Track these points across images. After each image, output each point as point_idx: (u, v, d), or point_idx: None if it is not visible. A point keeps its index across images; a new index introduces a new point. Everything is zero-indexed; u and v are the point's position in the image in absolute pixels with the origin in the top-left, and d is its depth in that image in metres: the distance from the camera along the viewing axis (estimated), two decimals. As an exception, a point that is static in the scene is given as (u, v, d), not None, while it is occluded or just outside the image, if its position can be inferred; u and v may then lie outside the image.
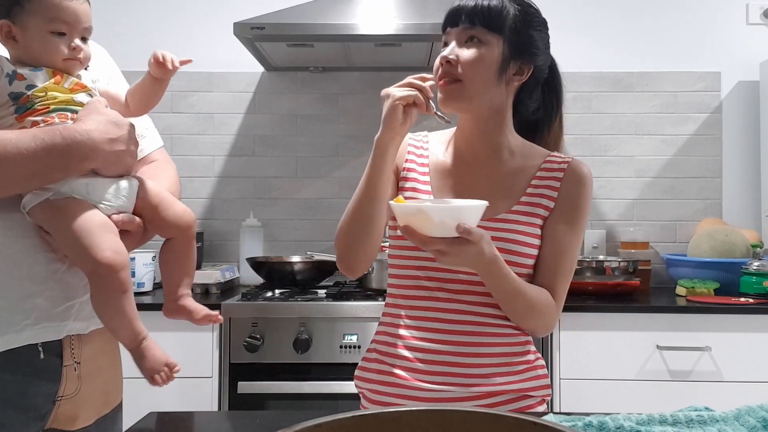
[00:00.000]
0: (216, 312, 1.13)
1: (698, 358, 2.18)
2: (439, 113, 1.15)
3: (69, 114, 1.01)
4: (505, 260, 1.14)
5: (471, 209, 1.06)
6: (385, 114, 1.12)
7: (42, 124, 0.98)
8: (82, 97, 1.04)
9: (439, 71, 1.19)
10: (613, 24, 2.89)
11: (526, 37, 1.20)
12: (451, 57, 1.18)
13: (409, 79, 1.13)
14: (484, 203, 1.06)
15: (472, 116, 1.25)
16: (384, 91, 1.13)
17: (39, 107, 0.99)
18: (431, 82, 1.14)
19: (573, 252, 1.24)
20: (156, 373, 1.02)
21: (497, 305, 1.19)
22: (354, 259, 1.23)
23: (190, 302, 1.12)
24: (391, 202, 1.09)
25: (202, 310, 1.12)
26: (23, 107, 0.99)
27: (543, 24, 1.24)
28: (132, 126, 1.07)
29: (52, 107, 1.00)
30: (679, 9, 2.89)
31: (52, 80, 1.02)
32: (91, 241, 0.96)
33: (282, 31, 2.37)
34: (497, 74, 1.19)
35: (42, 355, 1.02)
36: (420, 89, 1.12)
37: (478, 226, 1.06)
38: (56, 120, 0.99)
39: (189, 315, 1.11)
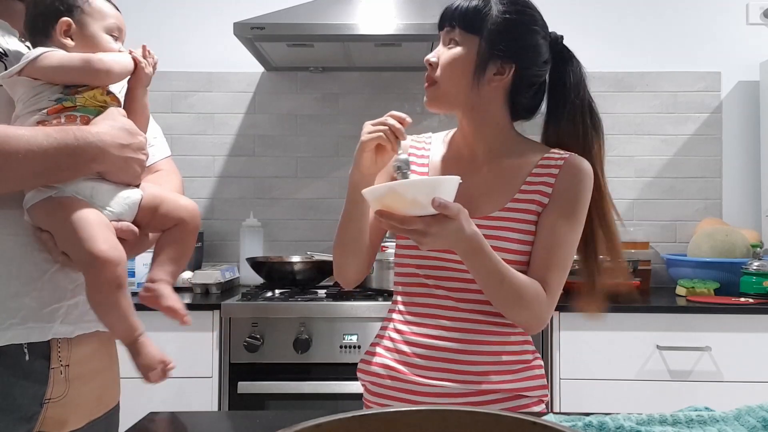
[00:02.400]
0: (184, 313, 1.05)
1: (698, 358, 2.18)
2: (397, 163, 1.10)
3: (91, 117, 1.03)
4: None
5: (444, 183, 1.02)
6: (356, 152, 1.15)
7: (64, 121, 1.00)
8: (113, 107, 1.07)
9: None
10: (613, 24, 2.89)
11: (509, 37, 1.19)
12: (432, 59, 1.22)
13: (387, 116, 1.14)
14: (456, 178, 1.03)
15: (463, 116, 1.26)
16: (365, 124, 1.15)
17: (78, 103, 1.02)
18: (408, 121, 1.14)
19: (567, 245, 1.20)
20: (151, 370, 1.00)
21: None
22: (345, 273, 1.30)
23: (160, 288, 1.05)
24: (363, 190, 1.06)
25: (169, 298, 1.05)
26: (64, 98, 1.01)
27: (536, 23, 1.22)
28: (144, 137, 1.09)
29: (79, 108, 1.02)
30: (679, 9, 2.89)
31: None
32: (89, 234, 0.96)
33: (282, 31, 2.37)
34: (474, 74, 1.19)
35: (27, 357, 1.02)
36: (391, 128, 1.12)
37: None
38: (78, 121, 1.01)
39: (155, 302, 1.05)
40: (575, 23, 2.87)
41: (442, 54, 1.21)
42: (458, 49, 1.19)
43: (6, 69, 1.02)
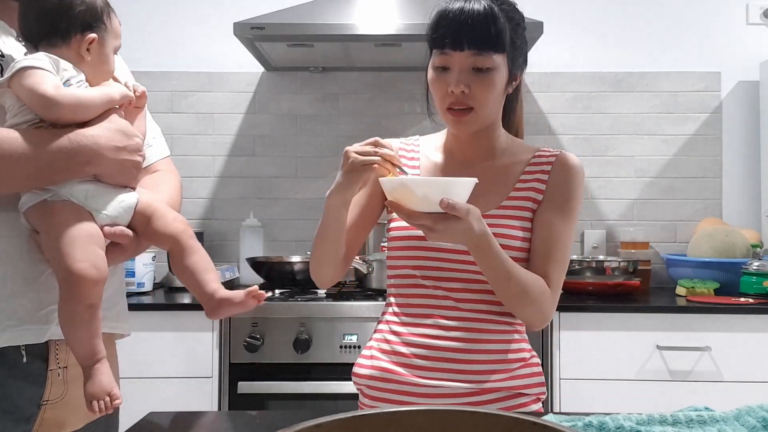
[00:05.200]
0: (255, 286, 1.05)
1: (698, 358, 2.18)
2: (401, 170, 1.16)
3: None
4: None
5: (457, 184, 1.04)
6: (344, 178, 1.13)
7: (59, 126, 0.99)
8: None
9: (447, 100, 1.18)
10: (613, 24, 2.89)
11: (518, 44, 1.21)
12: (464, 88, 1.16)
13: (374, 146, 1.13)
14: (472, 180, 1.05)
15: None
16: (348, 152, 1.13)
17: None
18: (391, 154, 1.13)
19: (565, 240, 1.23)
20: (96, 399, 0.97)
21: (493, 302, 1.21)
22: (320, 278, 1.31)
23: (224, 293, 1.06)
24: (380, 178, 1.08)
25: (239, 293, 1.06)
26: None
27: (523, 21, 1.24)
28: (141, 138, 1.08)
29: None
30: (679, 9, 2.88)
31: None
32: (71, 250, 0.95)
33: (282, 31, 2.37)
34: (504, 90, 1.22)
35: (25, 358, 1.02)
36: (384, 158, 1.11)
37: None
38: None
39: (230, 305, 1.06)
40: (575, 23, 2.87)
41: (474, 81, 1.16)
42: (494, 73, 1.17)
43: (2, 71, 1.02)
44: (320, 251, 1.26)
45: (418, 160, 1.32)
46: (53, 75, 0.98)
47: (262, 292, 1.06)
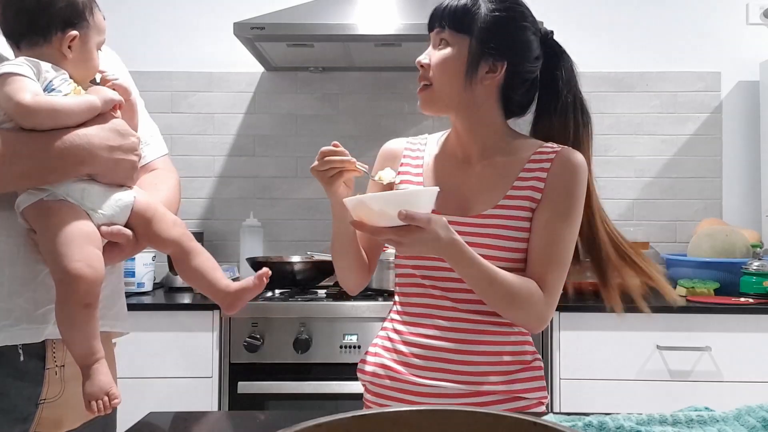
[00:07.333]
0: (264, 269, 1.12)
1: (698, 358, 2.18)
2: (362, 168, 1.19)
3: None
4: (491, 256, 1.15)
5: (414, 195, 1.05)
6: (324, 189, 1.20)
7: None
8: None
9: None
10: (613, 24, 2.89)
11: (499, 34, 1.18)
12: (423, 61, 1.22)
13: (324, 156, 1.19)
14: (434, 189, 1.06)
15: (457, 117, 1.25)
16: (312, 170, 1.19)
17: None
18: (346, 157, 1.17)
19: (565, 242, 1.19)
20: (95, 399, 0.96)
21: None
22: (346, 283, 1.34)
23: (237, 285, 1.09)
24: (344, 199, 1.10)
25: (250, 279, 1.10)
26: None
27: (525, 20, 1.22)
28: (137, 137, 1.07)
29: None
30: (679, 9, 2.89)
31: (73, 91, 1.02)
32: (67, 249, 0.95)
33: (282, 31, 2.37)
34: (466, 74, 1.19)
35: (22, 357, 1.02)
36: (339, 164, 1.15)
37: (453, 223, 1.09)
38: None
39: (246, 292, 1.09)
40: (576, 23, 2.87)
41: (432, 55, 1.21)
42: (448, 50, 1.19)
43: None
44: (336, 255, 1.29)
45: (422, 159, 1.32)
46: (33, 81, 0.96)
47: (266, 269, 1.12)
